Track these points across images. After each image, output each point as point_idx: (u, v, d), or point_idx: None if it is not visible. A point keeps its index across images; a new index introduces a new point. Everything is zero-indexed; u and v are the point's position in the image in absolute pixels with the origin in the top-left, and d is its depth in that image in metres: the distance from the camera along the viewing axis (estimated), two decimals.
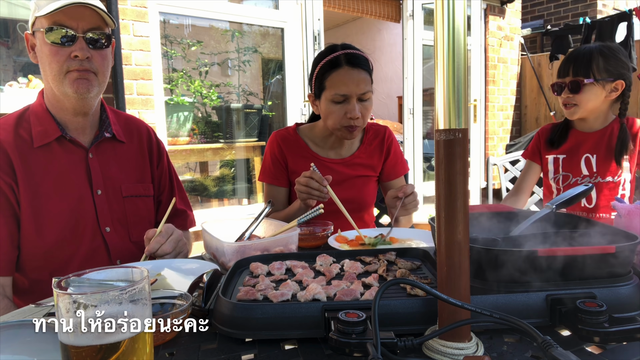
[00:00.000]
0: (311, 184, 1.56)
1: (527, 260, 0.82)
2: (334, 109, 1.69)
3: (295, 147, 1.84)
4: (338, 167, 1.84)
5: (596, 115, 1.96)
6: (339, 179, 1.80)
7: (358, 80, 1.66)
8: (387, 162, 1.91)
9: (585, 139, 1.98)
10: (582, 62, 1.88)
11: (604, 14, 6.81)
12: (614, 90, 1.88)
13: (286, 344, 0.79)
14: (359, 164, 1.87)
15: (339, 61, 1.67)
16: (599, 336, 0.70)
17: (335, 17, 6.97)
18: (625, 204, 1.16)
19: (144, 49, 3.27)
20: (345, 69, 1.66)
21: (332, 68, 1.68)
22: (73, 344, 0.59)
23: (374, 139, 1.90)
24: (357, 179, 1.86)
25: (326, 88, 1.70)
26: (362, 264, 1.09)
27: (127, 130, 1.56)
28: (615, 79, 1.86)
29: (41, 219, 1.34)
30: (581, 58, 1.88)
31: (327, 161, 1.84)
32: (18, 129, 1.37)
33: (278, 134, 1.89)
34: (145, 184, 1.55)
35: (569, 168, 2.01)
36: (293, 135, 1.88)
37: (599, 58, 1.85)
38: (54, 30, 1.30)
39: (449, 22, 0.68)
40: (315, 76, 1.74)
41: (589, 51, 1.88)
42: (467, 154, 0.71)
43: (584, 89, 1.87)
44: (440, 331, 0.70)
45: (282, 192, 1.86)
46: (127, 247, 1.46)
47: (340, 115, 1.69)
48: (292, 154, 1.82)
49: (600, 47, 1.90)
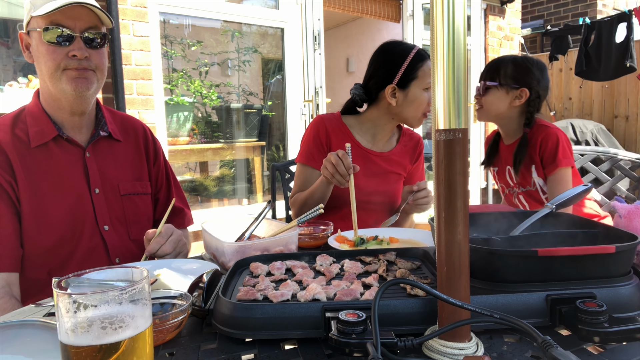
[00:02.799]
0: (339, 167, 1.60)
1: (527, 260, 0.82)
2: (424, 97, 1.81)
3: (339, 132, 1.90)
4: (377, 159, 1.91)
5: (505, 122, 2.06)
6: (376, 171, 1.89)
7: None
8: (414, 166, 2.00)
9: (505, 152, 2.10)
10: (492, 67, 2.01)
11: (603, 14, 6.81)
12: (518, 97, 1.97)
13: (286, 344, 0.79)
14: (395, 161, 1.95)
15: (424, 54, 1.81)
16: (599, 336, 0.70)
17: (335, 17, 6.97)
18: (625, 204, 1.16)
19: (144, 49, 3.27)
20: (429, 61, 1.79)
21: (422, 60, 1.80)
22: (73, 344, 0.59)
23: (408, 142, 2.00)
24: (392, 175, 1.94)
25: (418, 77, 1.80)
26: (362, 264, 1.09)
27: (123, 129, 1.56)
28: (520, 87, 1.96)
29: (40, 218, 1.34)
30: (493, 64, 2.02)
31: (368, 151, 1.91)
32: (15, 130, 1.37)
33: (324, 117, 1.94)
34: (142, 181, 1.55)
35: (501, 179, 2.15)
36: (339, 121, 1.94)
37: (509, 65, 1.97)
38: (51, 30, 1.30)
39: (449, 22, 0.68)
40: (407, 67, 1.81)
41: (502, 59, 2.03)
42: (467, 154, 0.71)
43: (488, 92, 2.00)
44: (440, 331, 0.70)
45: (316, 175, 1.84)
46: (126, 246, 1.47)
47: (426, 102, 1.81)
48: (337, 137, 1.87)
49: (516, 57, 2.03)
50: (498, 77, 1.98)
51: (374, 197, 1.67)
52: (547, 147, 1.92)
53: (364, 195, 1.63)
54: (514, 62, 1.98)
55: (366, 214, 1.66)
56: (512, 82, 1.96)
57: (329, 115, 1.95)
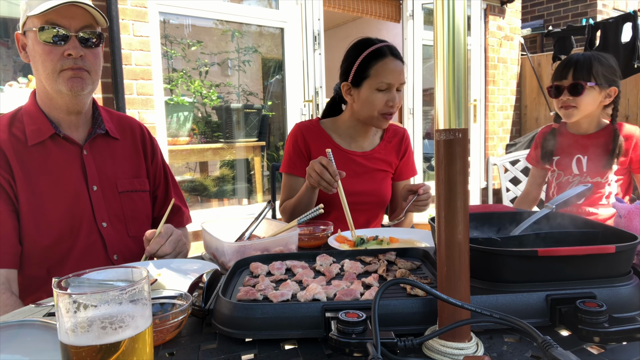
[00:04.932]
0: (324, 175, 1.59)
1: (527, 260, 0.82)
2: (377, 97, 1.76)
3: (318, 138, 1.89)
4: (359, 159, 1.89)
5: (590, 119, 2.05)
6: (359, 171, 1.87)
7: (400, 71, 1.75)
8: (401, 162, 1.97)
9: (577, 141, 2.08)
10: (583, 66, 1.94)
11: (603, 14, 6.81)
12: (608, 96, 1.97)
13: (286, 344, 0.79)
14: (379, 158, 1.92)
15: (383, 51, 1.75)
16: (599, 336, 0.70)
17: (335, 17, 6.97)
18: (625, 204, 1.16)
19: (144, 49, 3.27)
20: (390, 58, 1.74)
21: (378, 57, 1.75)
22: (73, 344, 0.59)
23: (393, 137, 1.97)
24: (377, 173, 1.91)
25: (370, 76, 1.76)
26: (362, 264, 1.09)
27: (120, 127, 1.57)
28: (610, 86, 1.95)
29: (39, 216, 1.34)
30: (582, 62, 1.95)
31: (349, 153, 1.89)
32: (12, 129, 1.38)
33: (301, 125, 1.93)
34: (140, 179, 1.56)
35: (561, 166, 2.12)
36: (316, 127, 1.93)
37: (597, 64, 1.93)
38: (47, 29, 1.30)
39: (449, 22, 0.68)
40: (358, 65, 1.78)
41: (588, 57, 1.96)
42: (467, 154, 0.71)
43: (584, 92, 1.93)
44: (440, 331, 0.70)
45: (301, 182, 1.86)
46: (124, 243, 1.47)
47: (382, 103, 1.76)
48: (316, 144, 1.85)
49: (596, 54, 1.99)
50: (593, 77, 1.93)
51: (362, 197, 1.66)
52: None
53: (351, 196, 1.62)
54: (599, 61, 1.95)
55: (356, 215, 1.64)
56: (604, 81, 1.94)
57: (306, 123, 1.94)
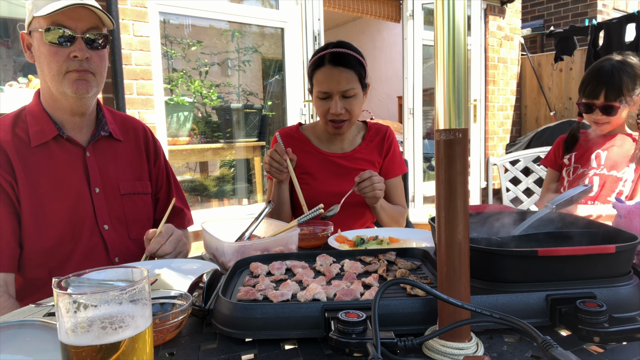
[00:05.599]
0: (273, 155, 1.69)
1: (527, 260, 0.82)
2: (320, 105, 1.79)
3: (298, 143, 1.90)
4: (340, 160, 1.90)
5: None
6: (340, 172, 1.87)
7: (339, 79, 1.73)
8: (386, 160, 1.94)
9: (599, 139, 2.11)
10: (614, 86, 1.94)
11: (604, 14, 6.81)
12: (634, 103, 2.00)
13: (286, 344, 0.79)
14: (360, 158, 1.91)
15: (323, 60, 1.76)
16: (599, 336, 0.70)
17: (335, 17, 6.97)
18: (625, 204, 1.16)
19: (144, 49, 3.27)
20: (328, 67, 1.74)
21: (317, 66, 1.77)
22: (73, 344, 0.59)
23: (375, 137, 1.95)
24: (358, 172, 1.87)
25: (313, 85, 1.80)
26: (362, 264, 1.09)
27: (124, 129, 1.56)
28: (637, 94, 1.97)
29: (41, 218, 1.34)
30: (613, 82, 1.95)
31: (328, 155, 1.90)
32: (15, 129, 1.37)
33: (282, 131, 1.96)
34: (143, 181, 1.56)
35: (579, 161, 2.15)
36: (296, 132, 1.95)
37: (627, 80, 1.94)
38: (53, 30, 1.30)
39: (449, 22, 0.68)
40: (308, 73, 1.84)
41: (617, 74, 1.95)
42: (467, 154, 0.71)
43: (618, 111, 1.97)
44: (440, 331, 0.70)
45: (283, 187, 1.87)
46: (126, 245, 1.47)
47: (324, 111, 1.78)
48: (296, 149, 1.85)
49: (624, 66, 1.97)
50: (624, 97, 1.96)
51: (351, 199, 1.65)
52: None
53: (334, 197, 1.63)
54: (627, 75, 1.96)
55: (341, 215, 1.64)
56: (634, 94, 1.97)
57: (287, 129, 1.98)
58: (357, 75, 1.75)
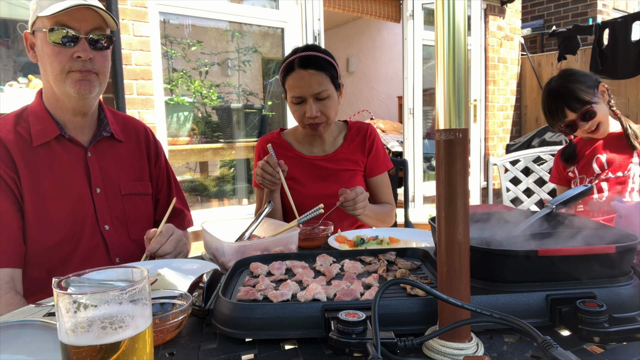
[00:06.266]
0: (265, 167, 1.68)
1: (527, 260, 0.82)
2: (295, 109, 1.79)
3: (280, 149, 1.89)
4: (322, 162, 1.89)
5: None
6: (324, 174, 1.86)
7: (310, 82, 1.72)
8: (369, 158, 1.93)
9: (594, 144, 2.13)
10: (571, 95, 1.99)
11: (604, 14, 6.81)
12: (603, 93, 2.02)
13: (286, 344, 0.79)
14: (343, 159, 1.90)
15: (292, 64, 1.75)
16: (599, 336, 0.70)
17: (335, 17, 6.97)
18: (625, 204, 1.16)
19: (144, 49, 3.27)
20: (298, 71, 1.73)
21: (288, 72, 1.77)
22: (73, 344, 0.59)
23: (356, 136, 1.94)
24: (343, 173, 1.89)
25: (286, 90, 1.80)
26: (362, 264, 1.09)
27: (125, 130, 1.56)
28: (597, 87, 2.00)
29: (42, 217, 1.34)
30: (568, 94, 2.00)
31: (311, 158, 1.89)
32: (17, 128, 1.38)
33: (263, 138, 1.97)
34: (143, 182, 1.56)
35: (583, 171, 2.17)
36: (277, 138, 1.95)
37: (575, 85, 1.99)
38: (57, 30, 1.30)
39: (449, 22, 0.68)
40: (280, 81, 1.83)
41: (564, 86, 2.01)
42: (467, 153, 0.71)
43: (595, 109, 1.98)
44: (440, 331, 0.70)
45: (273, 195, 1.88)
46: (126, 245, 1.47)
47: (300, 115, 1.78)
48: (279, 155, 1.83)
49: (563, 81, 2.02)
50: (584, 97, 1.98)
51: (330, 200, 1.58)
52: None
53: (320, 200, 1.59)
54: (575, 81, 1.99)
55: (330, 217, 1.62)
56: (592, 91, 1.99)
57: (267, 136, 1.98)
58: (328, 76, 1.74)
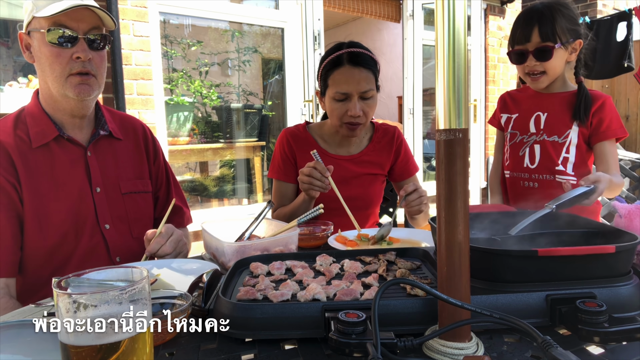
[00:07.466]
0: (314, 174, 1.59)
1: (527, 260, 0.82)
2: (336, 107, 1.71)
3: (304, 144, 1.86)
4: (346, 164, 1.85)
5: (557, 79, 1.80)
6: (346, 176, 1.82)
7: (359, 79, 1.67)
8: (398, 161, 1.91)
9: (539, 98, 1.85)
10: (546, 25, 1.67)
11: (604, 13, 6.80)
12: (574, 50, 1.74)
13: (286, 344, 0.79)
14: (368, 161, 1.87)
15: (341, 60, 1.69)
16: (599, 336, 0.70)
17: (335, 17, 6.97)
18: (625, 203, 1.16)
19: (144, 49, 3.27)
20: (347, 67, 1.68)
21: (335, 66, 1.70)
22: (73, 344, 0.59)
23: (382, 138, 1.91)
24: (365, 177, 1.86)
25: (329, 86, 1.72)
26: (362, 264, 1.09)
27: (123, 128, 1.56)
28: (575, 39, 1.72)
29: (43, 219, 1.34)
30: (544, 20, 1.68)
31: (335, 158, 1.85)
32: (16, 130, 1.37)
33: (288, 130, 1.91)
34: (143, 180, 1.56)
35: (517, 126, 1.89)
36: (303, 133, 1.89)
37: (561, 18, 1.68)
38: (54, 31, 1.30)
39: (449, 22, 0.68)
40: (320, 74, 1.76)
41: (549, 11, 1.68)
42: (467, 153, 0.71)
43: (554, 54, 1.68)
44: (440, 331, 0.70)
45: (290, 188, 1.87)
46: (127, 244, 1.47)
47: (341, 113, 1.71)
48: (301, 150, 1.83)
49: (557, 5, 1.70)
50: (558, 36, 1.67)
51: (349, 203, 1.59)
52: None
53: (337, 202, 1.59)
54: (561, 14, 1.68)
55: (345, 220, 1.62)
56: (569, 37, 1.69)
57: (293, 128, 1.92)
58: (374, 76, 1.72)
